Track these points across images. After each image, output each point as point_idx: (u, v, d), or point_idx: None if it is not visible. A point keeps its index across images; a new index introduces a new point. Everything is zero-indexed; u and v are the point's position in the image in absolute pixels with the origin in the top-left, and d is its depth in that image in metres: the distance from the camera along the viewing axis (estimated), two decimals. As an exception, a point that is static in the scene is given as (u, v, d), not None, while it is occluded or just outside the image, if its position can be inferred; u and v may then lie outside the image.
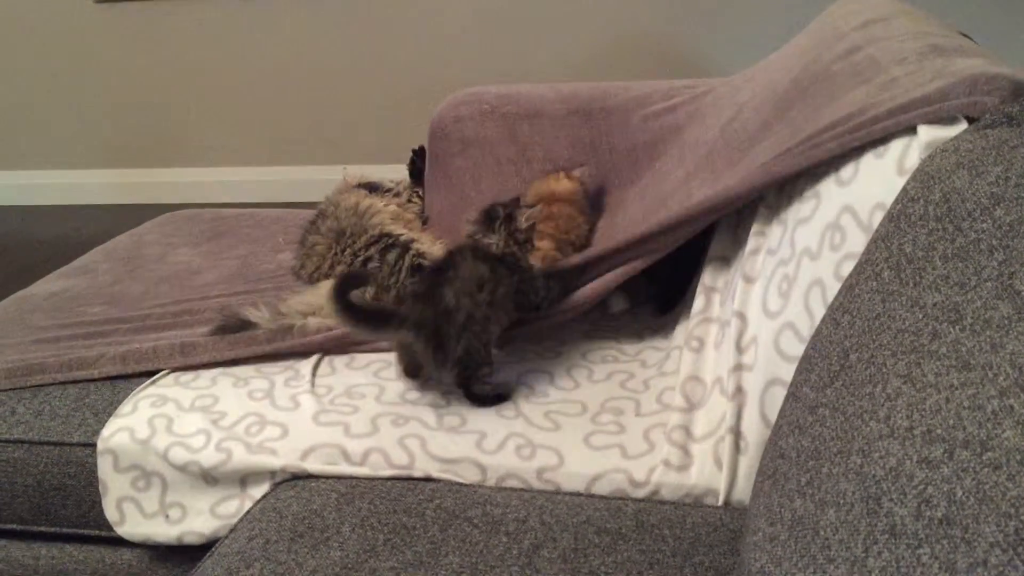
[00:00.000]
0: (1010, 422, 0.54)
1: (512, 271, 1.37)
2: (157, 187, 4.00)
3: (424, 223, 1.94)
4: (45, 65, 3.94)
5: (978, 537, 0.50)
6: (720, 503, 1.12)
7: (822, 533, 0.64)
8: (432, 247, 1.67)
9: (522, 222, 1.50)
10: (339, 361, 1.44)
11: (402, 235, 1.66)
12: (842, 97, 1.13)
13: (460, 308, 1.26)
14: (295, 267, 1.77)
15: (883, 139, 1.00)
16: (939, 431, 0.58)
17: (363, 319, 1.28)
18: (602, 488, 1.15)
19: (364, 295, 1.60)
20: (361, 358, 1.44)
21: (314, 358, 1.43)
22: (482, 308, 1.28)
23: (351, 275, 1.33)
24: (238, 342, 1.46)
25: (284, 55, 3.72)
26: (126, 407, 1.33)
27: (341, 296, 1.24)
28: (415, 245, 1.63)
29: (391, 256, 1.61)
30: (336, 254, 1.66)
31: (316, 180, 2.13)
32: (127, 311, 1.66)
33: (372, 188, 1.94)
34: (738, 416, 1.14)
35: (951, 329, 0.65)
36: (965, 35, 1.24)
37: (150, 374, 1.42)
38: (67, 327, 1.61)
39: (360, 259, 1.63)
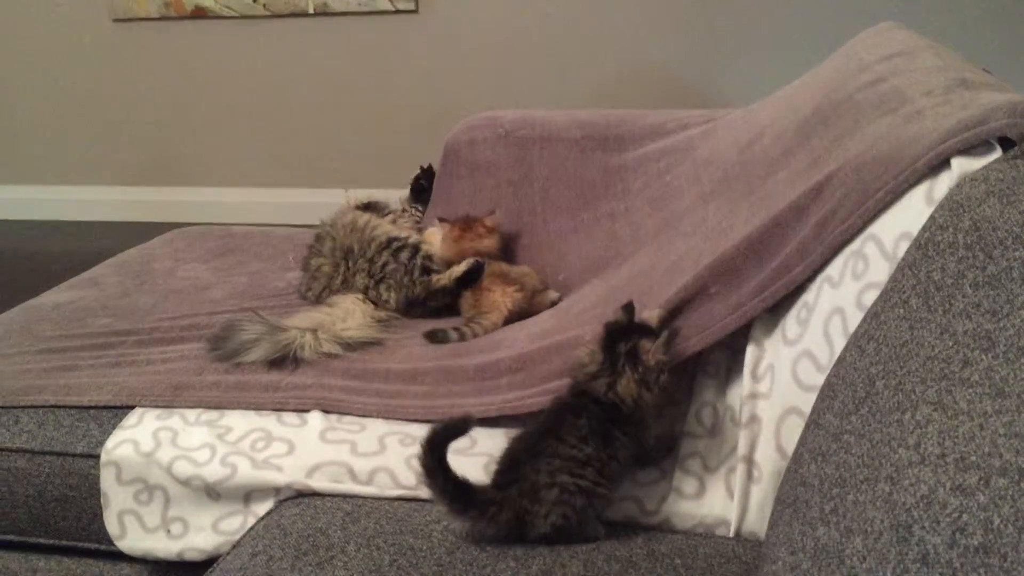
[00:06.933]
0: (1049, 450, 0.53)
1: (633, 432, 1.10)
2: (168, 206, 4.00)
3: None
4: (61, 82, 3.96)
5: (1018, 566, 0.49)
6: (732, 534, 1.10)
7: (848, 562, 0.62)
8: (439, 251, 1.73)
9: (649, 359, 1.08)
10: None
11: (410, 237, 1.72)
12: (866, 127, 1.12)
13: (555, 485, 1.04)
14: (302, 289, 1.77)
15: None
16: (973, 458, 0.57)
17: (448, 489, 1.02)
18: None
19: (388, 303, 1.63)
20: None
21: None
22: (587, 481, 1.05)
23: (458, 421, 1.03)
24: (227, 391, 1.38)
25: (299, 77, 3.74)
26: (131, 419, 1.32)
27: (436, 447, 1.01)
28: (423, 247, 1.70)
29: (404, 256, 1.67)
30: (347, 270, 1.67)
31: (328, 203, 2.13)
32: (134, 324, 1.64)
33: (374, 208, 1.94)
34: (752, 445, 1.12)
35: (983, 357, 0.63)
36: (988, 72, 1.24)
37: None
38: (73, 338, 1.59)
39: (378, 265, 1.66)
